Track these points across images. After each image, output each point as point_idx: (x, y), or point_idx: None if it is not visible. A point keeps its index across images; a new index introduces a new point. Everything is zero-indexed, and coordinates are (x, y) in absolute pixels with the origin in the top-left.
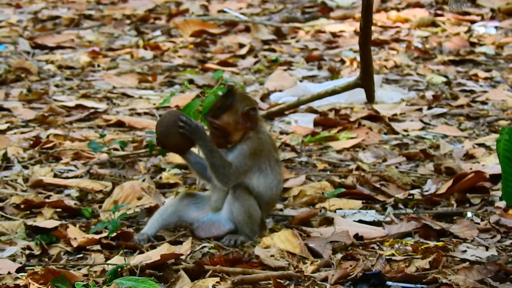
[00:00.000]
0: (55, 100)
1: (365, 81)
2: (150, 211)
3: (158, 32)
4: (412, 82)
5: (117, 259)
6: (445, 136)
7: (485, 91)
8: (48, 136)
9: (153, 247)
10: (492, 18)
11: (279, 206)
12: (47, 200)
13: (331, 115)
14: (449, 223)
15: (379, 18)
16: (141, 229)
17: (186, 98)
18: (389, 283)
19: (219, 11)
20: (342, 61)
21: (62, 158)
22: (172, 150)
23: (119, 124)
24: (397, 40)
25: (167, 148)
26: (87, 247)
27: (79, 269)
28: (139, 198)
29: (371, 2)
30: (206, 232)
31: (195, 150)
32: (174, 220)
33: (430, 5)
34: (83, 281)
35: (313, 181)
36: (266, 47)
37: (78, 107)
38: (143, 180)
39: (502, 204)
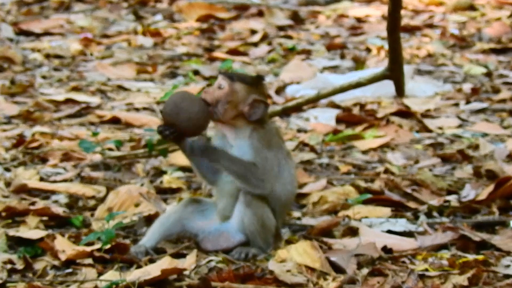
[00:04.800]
0: (41, 93)
1: (394, 72)
2: (149, 219)
3: (159, 17)
4: (447, 73)
5: (112, 275)
6: (485, 135)
7: None
8: (33, 135)
9: (152, 261)
10: None
11: (296, 214)
12: (31, 207)
13: (356, 110)
14: (491, 233)
15: (410, 1)
16: (139, 240)
17: (190, 90)
18: None
19: None
20: (368, 50)
21: (50, 159)
22: (185, 130)
23: (115, 121)
24: (431, 26)
25: (178, 127)
26: (77, 261)
27: (68, 286)
28: (137, 205)
29: None
30: (213, 244)
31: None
32: (176, 230)
33: None
34: None
35: (335, 185)
36: (281, 33)
37: (68, 101)
38: (142, 185)
39: None
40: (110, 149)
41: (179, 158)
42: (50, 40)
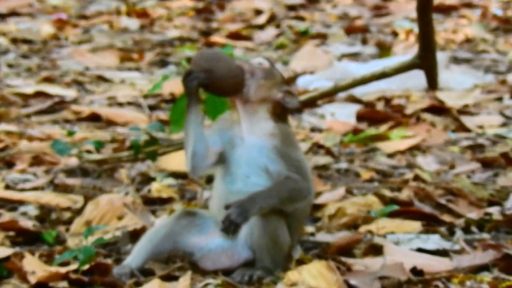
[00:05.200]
0: (7, 85)
1: (426, 61)
2: (135, 235)
3: None
4: (489, 62)
5: None
6: None
7: None
8: None
9: (139, 284)
10: None
11: (309, 229)
12: None
13: (380, 106)
14: None
15: None
16: (123, 260)
17: None
18: None
19: None
20: (395, 34)
21: (17, 164)
22: (219, 82)
23: (94, 118)
24: (469, 5)
25: (214, 75)
26: (50, 284)
27: None
28: (120, 218)
29: None
30: (214, 263)
31: None
32: (167, 248)
33: None
34: None
35: (356, 195)
36: (292, 14)
37: (39, 94)
38: (126, 194)
39: None
40: (89, 152)
41: (170, 162)
42: (17, 21)
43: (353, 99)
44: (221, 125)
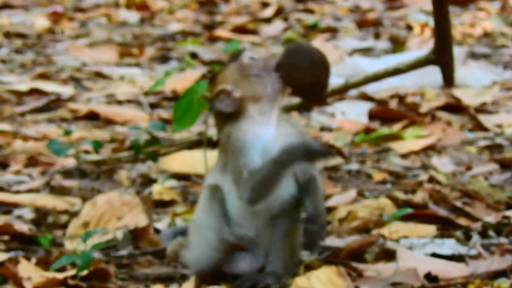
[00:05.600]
0: (0, 82)
1: (442, 56)
2: (136, 235)
3: None
4: (508, 57)
5: None
6: None
7: None
8: None
9: None
10: None
11: None
12: None
13: (393, 104)
14: None
15: None
16: (123, 265)
17: (187, 79)
18: None
19: None
20: (409, 27)
21: (11, 165)
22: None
23: (92, 117)
24: None
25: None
26: None
27: None
28: (120, 219)
29: None
30: (233, 267)
31: None
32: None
33: None
34: None
35: (368, 197)
36: (300, 6)
37: (34, 92)
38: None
39: None
40: (87, 152)
41: (172, 162)
42: (10, 14)
43: (365, 97)
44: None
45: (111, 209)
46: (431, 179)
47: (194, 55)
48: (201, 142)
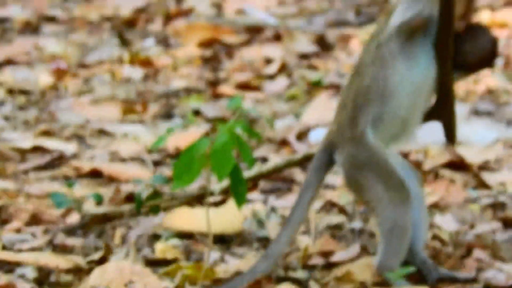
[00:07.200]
0: (3, 140)
1: (444, 113)
2: None
3: (150, 41)
4: (511, 114)
5: None
6: None
7: None
8: None
9: None
10: None
11: None
12: None
13: None
14: None
15: None
16: None
17: (189, 136)
18: None
19: (238, 12)
20: None
21: (13, 222)
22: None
23: (95, 174)
24: None
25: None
26: None
27: None
28: (127, 284)
29: (451, 2)
30: None
31: None
32: None
33: None
34: None
35: (371, 254)
36: (304, 63)
37: (37, 149)
38: (126, 256)
39: None
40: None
41: (175, 220)
42: (13, 70)
43: None
44: None
45: (121, 276)
46: (435, 237)
47: (197, 112)
48: (203, 196)
